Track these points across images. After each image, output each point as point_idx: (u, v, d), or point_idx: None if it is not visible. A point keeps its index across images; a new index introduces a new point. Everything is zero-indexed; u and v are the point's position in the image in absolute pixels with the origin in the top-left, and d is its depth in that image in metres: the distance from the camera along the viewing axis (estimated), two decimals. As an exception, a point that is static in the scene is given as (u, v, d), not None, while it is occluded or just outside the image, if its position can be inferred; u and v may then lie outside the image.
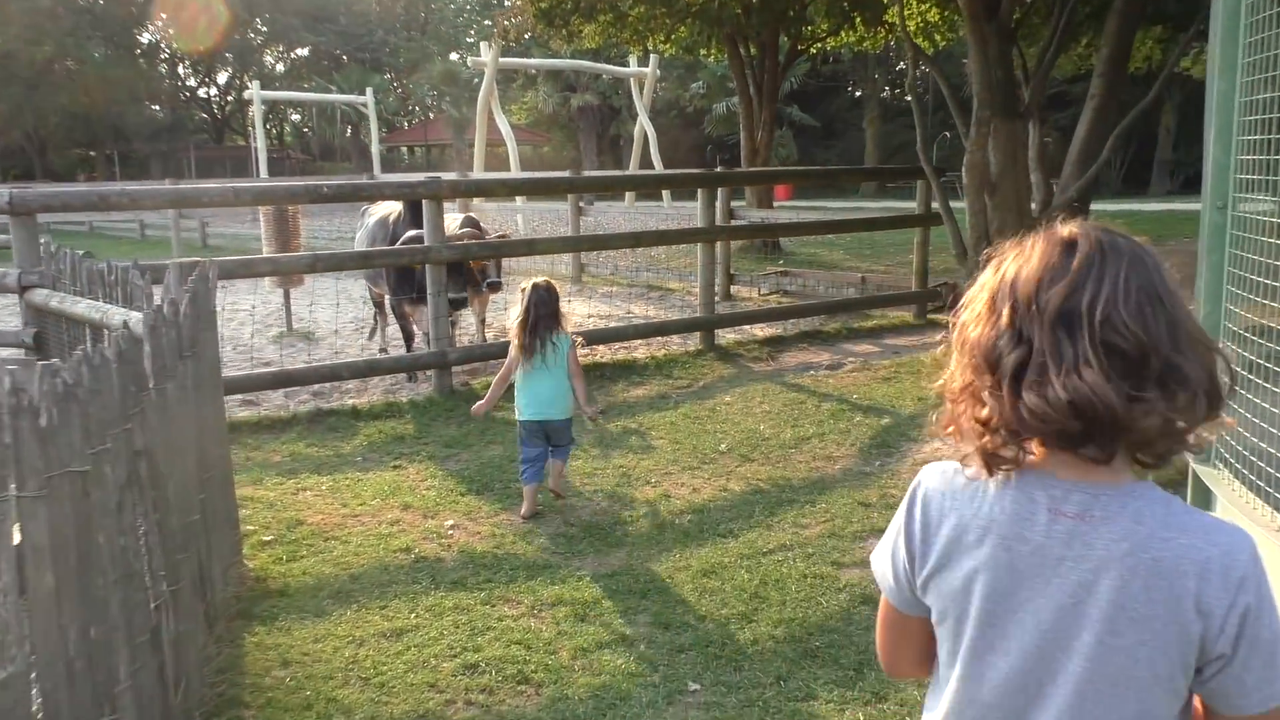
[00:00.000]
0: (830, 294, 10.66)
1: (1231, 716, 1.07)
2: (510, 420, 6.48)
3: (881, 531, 1.49)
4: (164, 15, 30.75)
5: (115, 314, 3.93)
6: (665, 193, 20.90)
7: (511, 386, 4.93)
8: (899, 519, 1.22)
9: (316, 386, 7.11)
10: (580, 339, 4.99)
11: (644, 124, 21.99)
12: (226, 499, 3.67)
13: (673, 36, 14.12)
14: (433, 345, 7.04)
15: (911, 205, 10.37)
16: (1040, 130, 7.85)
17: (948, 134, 32.88)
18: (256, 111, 26.98)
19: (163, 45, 45.13)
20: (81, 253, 16.97)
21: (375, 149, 27.53)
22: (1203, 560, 1.03)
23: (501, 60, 19.44)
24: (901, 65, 44.81)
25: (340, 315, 10.27)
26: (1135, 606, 1.04)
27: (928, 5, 13.63)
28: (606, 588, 3.91)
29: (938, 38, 14.91)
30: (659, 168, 20.64)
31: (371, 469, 5.60)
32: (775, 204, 17.97)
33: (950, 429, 1.15)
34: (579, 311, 10.96)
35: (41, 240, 5.93)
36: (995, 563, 1.10)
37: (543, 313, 4.63)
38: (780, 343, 8.77)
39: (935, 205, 8.59)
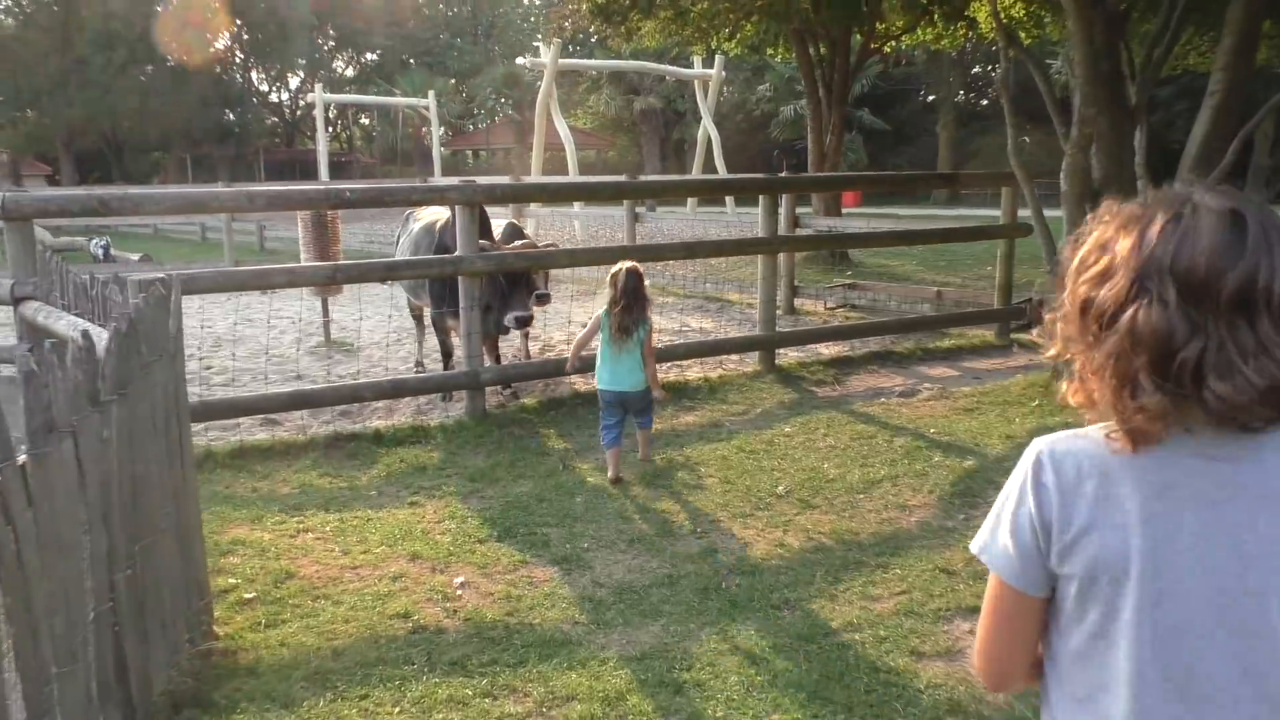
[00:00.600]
0: (903, 310, 9.85)
1: None
2: (543, 450, 5.87)
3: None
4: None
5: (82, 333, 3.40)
6: (729, 199, 20.18)
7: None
8: (1021, 486, 1.17)
9: (342, 405, 6.58)
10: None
11: (708, 127, 21.28)
12: (188, 562, 3.08)
13: (737, 35, 13.42)
14: (465, 364, 6.45)
15: (991, 214, 9.51)
16: (1145, 131, 6.96)
17: (1025, 139, 31.58)
18: (319, 114, 26.96)
19: (236, 51, 45.92)
20: (137, 257, 16.79)
21: (436, 152, 27.29)
22: None
23: (561, 61, 18.93)
24: (977, 69, 43.50)
25: (388, 324, 9.77)
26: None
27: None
28: (634, 676, 3.24)
29: (1023, 35, 13.94)
30: (723, 172, 19.94)
31: (385, 505, 5.02)
32: (844, 211, 17.14)
33: (1082, 401, 1.13)
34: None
35: (40, 245, 5.49)
36: (1151, 513, 1.08)
37: (635, 299, 5.07)
38: (848, 364, 8.00)
39: (1026, 214, 7.74)
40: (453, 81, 44.34)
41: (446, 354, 7.38)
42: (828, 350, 8.53)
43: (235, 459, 5.73)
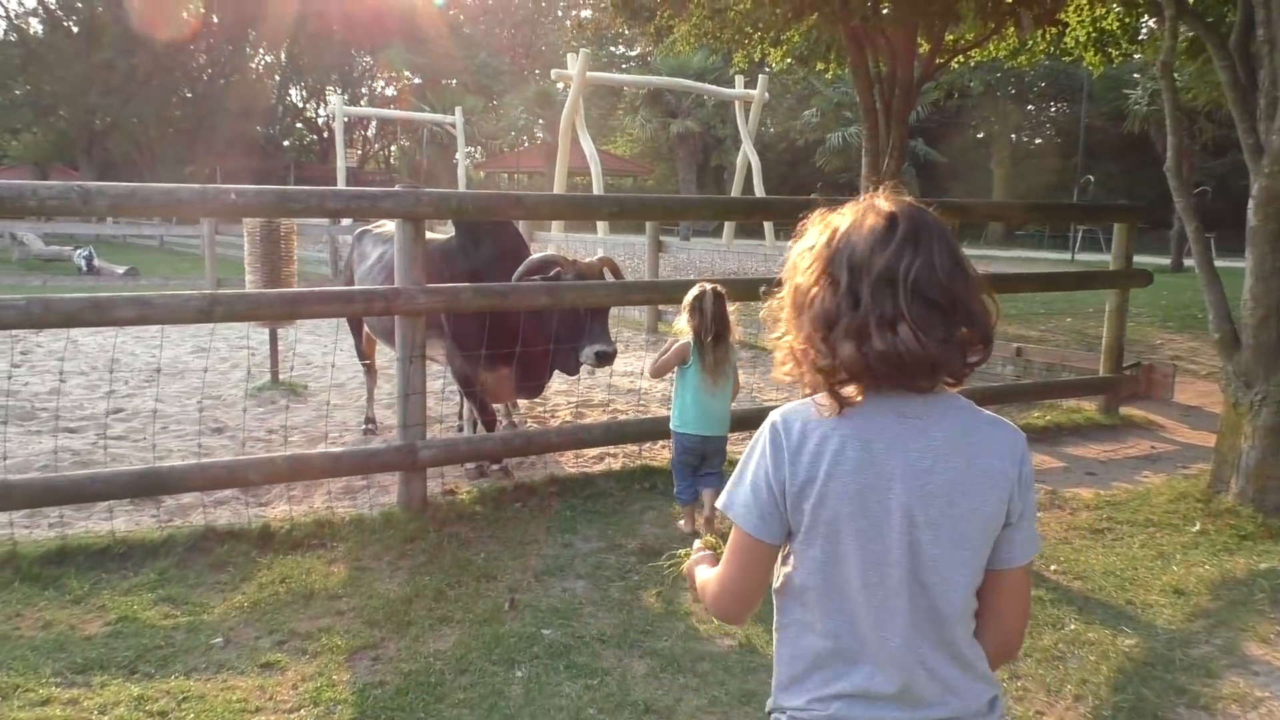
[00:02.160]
0: (980, 369, 7.98)
1: (1002, 569, 1.40)
2: (488, 571, 4.10)
3: None
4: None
5: None
6: (768, 227, 18.44)
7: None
8: (760, 450, 1.39)
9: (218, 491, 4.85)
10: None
11: (748, 152, 19.59)
12: None
13: (783, 41, 11.70)
14: (399, 435, 4.73)
15: (1052, 256, 7.62)
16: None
17: (1090, 178, 29.61)
18: (338, 126, 25.65)
19: (272, 62, 45.23)
20: (122, 270, 15.23)
21: (461, 171, 25.86)
22: (1004, 443, 1.37)
23: (589, 75, 17.36)
24: (1031, 107, 41.53)
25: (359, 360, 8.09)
26: (965, 481, 1.34)
27: (1107, 7, 10.89)
28: None
29: (1113, 52, 12.11)
30: (762, 201, 18.25)
31: (227, 668, 3.28)
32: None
33: (792, 377, 1.39)
34: (625, 368, 8.56)
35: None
36: (861, 461, 1.33)
37: (725, 326, 4.30)
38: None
39: (1188, 261, 5.88)
40: (486, 101, 43.13)
41: (488, 422, 5.58)
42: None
43: (49, 565, 4.03)
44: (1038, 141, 45.04)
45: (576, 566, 4.21)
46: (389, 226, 6.38)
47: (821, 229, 1.38)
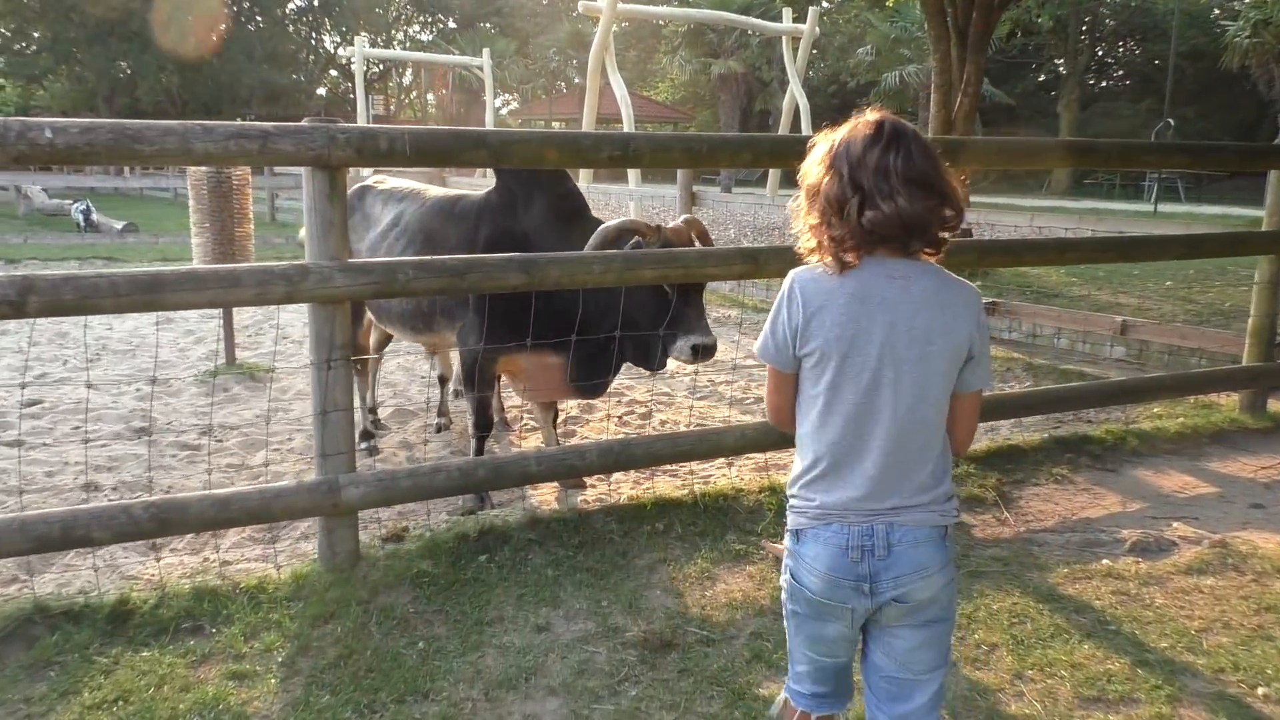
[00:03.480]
0: (1078, 351, 6.51)
1: (961, 393, 1.88)
2: (426, 671, 2.85)
3: None
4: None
5: None
6: (772, 176, 16.84)
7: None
8: (779, 303, 1.86)
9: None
10: None
11: (795, 93, 17.87)
12: None
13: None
14: (317, 466, 3.44)
15: (1111, 207, 6.06)
16: None
17: (1171, 121, 27.30)
18: (358, 69, 24.18)
19: (304, 5, 43.80)
20: (121, 225, 14.03)
21: (489, 117, 24.34)
22: (968, 296, 1.83)
23: (621, 5, 15.74)
24: (1101, 49, 38.70)
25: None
26: (939, 326, 1.79)
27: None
28: None
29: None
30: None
31: None
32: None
33: (813, 249, 1.82)
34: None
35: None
36: (852, 310, 1.78)
37: None
38: (1017, 461, 4.74)
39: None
40: (519, 44, 41.40)
41: (484, 425, 4.49)
42: (984, 435, 5.27)
43: None
44: (1104, 84, 42.29)
45: (551, 670, 2.92)
46: (399, 182, 5.11)
47: (824, 142, 1.84)
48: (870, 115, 1.81)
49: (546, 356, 4.25)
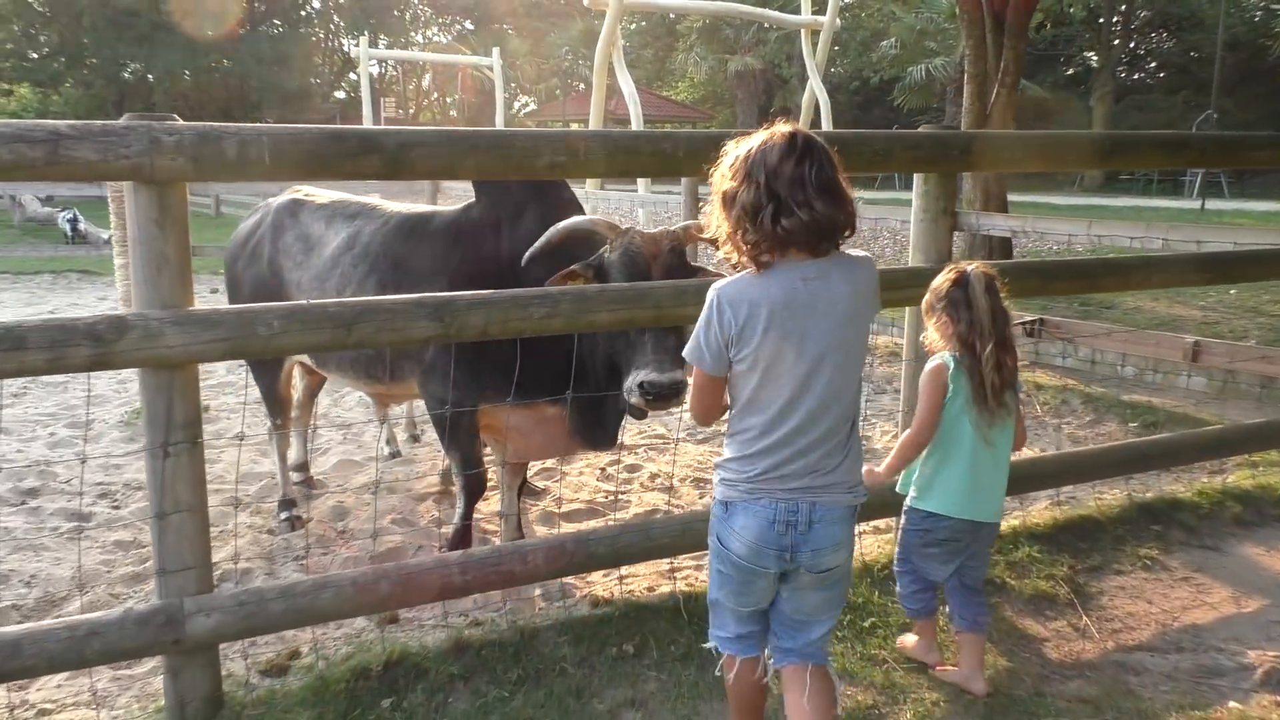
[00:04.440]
0: (1151, 379, 5.51)
1: None
2: None
3: None
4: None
5: None
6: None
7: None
8: (708, 316, 1.99)
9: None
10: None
11: (815, 88, 16.87)
12: None
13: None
14: (157, 586, 2.55)
15: (1180, 206, 5.05)
16: None
17: (1213, 112, 26.03)
18: (363, 71, 23.38)
19: (321, 8, 43.16)
20: (107, 234, 13.23)
21: (500, 118, 23.46)
22: (869, 273, 2.04)
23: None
24: (1134, 42, 37.24)
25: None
26: (854, 308, 1.99)
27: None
28: None
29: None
30: (832, 146, 15.45)
31: None
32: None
33: (730, 255, 1.98)
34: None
35: None
36: (778, 317, 1.94)
37: (1006, 332, 2.67)
38: (1091, 538, 3.76)
39: None
40: (532, 44, 40.53)
41: (473, 490, 3.68)
42: (1042, 508, 4.31)
43: None
44: (1136, 76, 40.90)
45: None
46: (342, 195, 4.23)
47: (735, 151, 1.96)
48: (783, 127, 1.95)
49: (541, 405, 3.38)
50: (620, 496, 4.58)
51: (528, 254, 3.17)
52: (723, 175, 1.96)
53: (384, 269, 3.62)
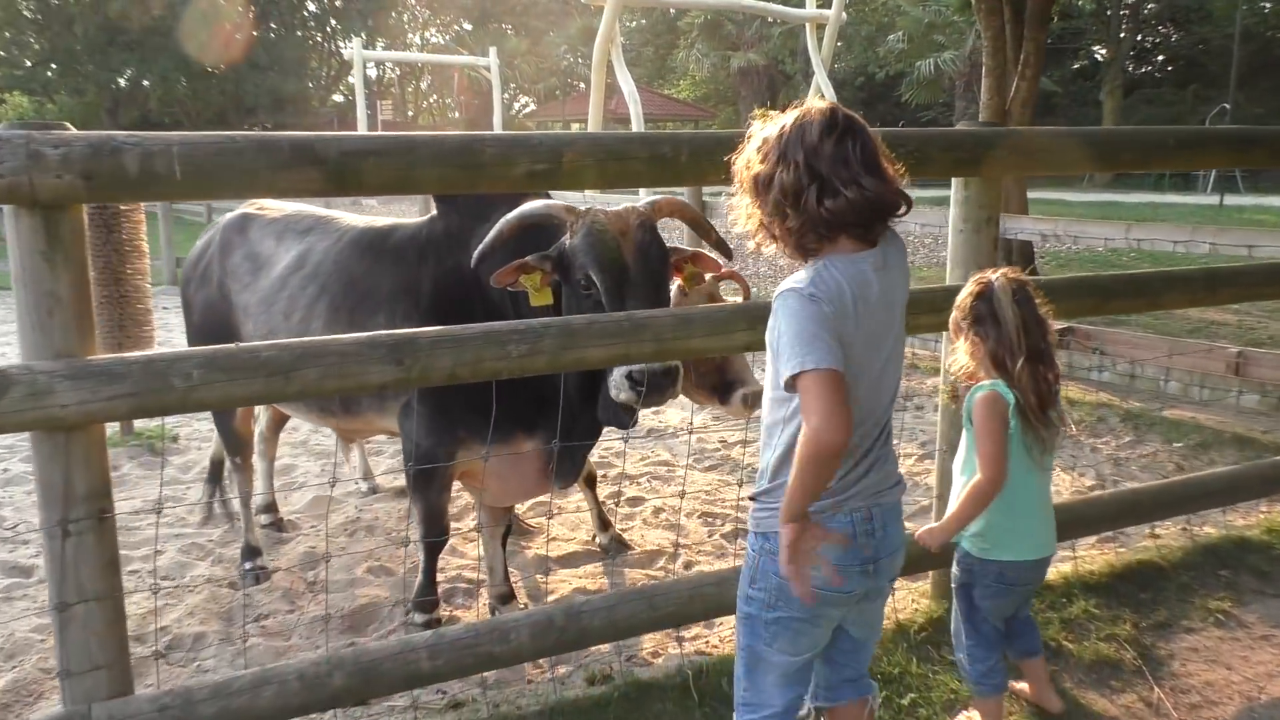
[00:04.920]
0: (1197, 393, 5.06)
1: None
2: None
3: None
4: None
5: None
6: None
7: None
8: (804, 307, 1.71)
9: None
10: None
11: (821, 84, 16.39)
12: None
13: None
14: (62, 690, 2.12)
15: (1197, 201, 4.63)
16: None
17: (1227, 105, 25.50)
18: (357, 73, 22.95)
19: (318, 11, 42.68)
20: None
21: (498, 119, 22.99)
22: (904, 249, 1.87)
23: (627, -6, 14.35)
24: (1141, 35, 36.65)
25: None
26: (905, 294, 1.86)
27: None
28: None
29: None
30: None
31: None
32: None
33: (765, 242, 1.81)
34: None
35: None
36: (861, 314, 1.74)
37: (1048, 347, 2.38)
38: (1156, 592, 3.31)
39: None
40: (530, 43, 39.98)
41: (438, 532, 3.22)
42: (1093, 549, 3.86)
43: None
44: (1143, 70, 40.31)
45: None
46: (298, 207, 3.81)
47: (766, 130, 1.78)
48: (819, 103, 1.78)
49: (518, 441, 2.99)
50: (621, 534, 4.14)
51: (477, 252, 2.74)
52: (750, 160, 1.78)
53: (336, 290, 3.20)
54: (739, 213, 1.83)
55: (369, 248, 3.27)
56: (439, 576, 3.57)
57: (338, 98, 48.48)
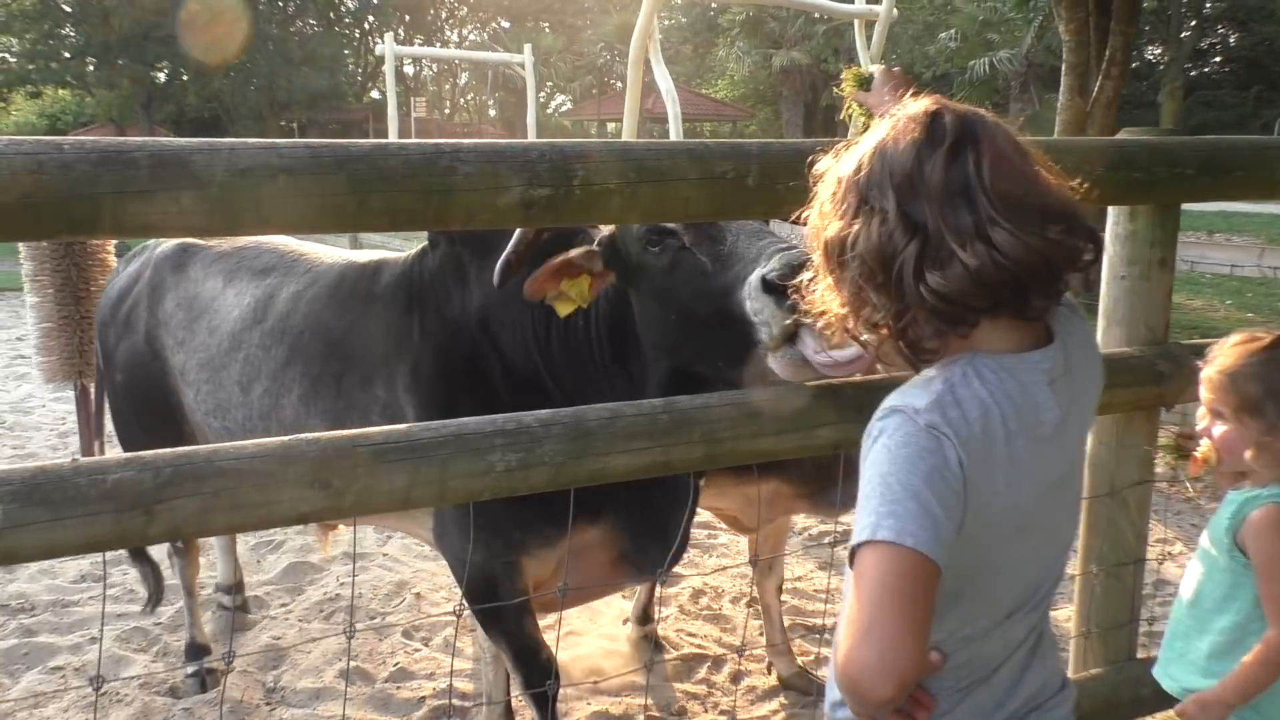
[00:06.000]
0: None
1: None
2: None
3: None
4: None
5: None
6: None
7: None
8: (916, 454, 1.04)
9: None
10: None
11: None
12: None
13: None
14: None
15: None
16: None
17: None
18: (389, 69, 22.12)
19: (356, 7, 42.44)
20: None
21: (532, 118, 22.20)
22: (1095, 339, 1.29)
23: (667, -14, 13.55)
24: (1205, 42, 35.26)
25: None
26: (1087, 412, 1.21)
27: None
28: None
29: None
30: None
31: None
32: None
33: (845, 344, 1.27)
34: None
35: None
36: (1012, 450, 1.08)
37: None
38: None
39: None
40: (566, 40, 39.30)
41: (543, 672, 2.27)
42: None
43: None
44: (1202, 70, 38.94)
45: None
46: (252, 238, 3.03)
47: (841, 162, 1.15)
48: (918, 106, 1.11)
49: (582, 531, 2.19)
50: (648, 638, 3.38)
51: (499, 265, 1.98)
52: (823, 212, 1.17)
53: (313, 353, 2.45)
54: (816, 301, 1.20)
55: (351, 294, 2.50)
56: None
57: (375, 94, 48.25)
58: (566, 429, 1.62)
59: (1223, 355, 1.67)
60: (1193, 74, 37.78)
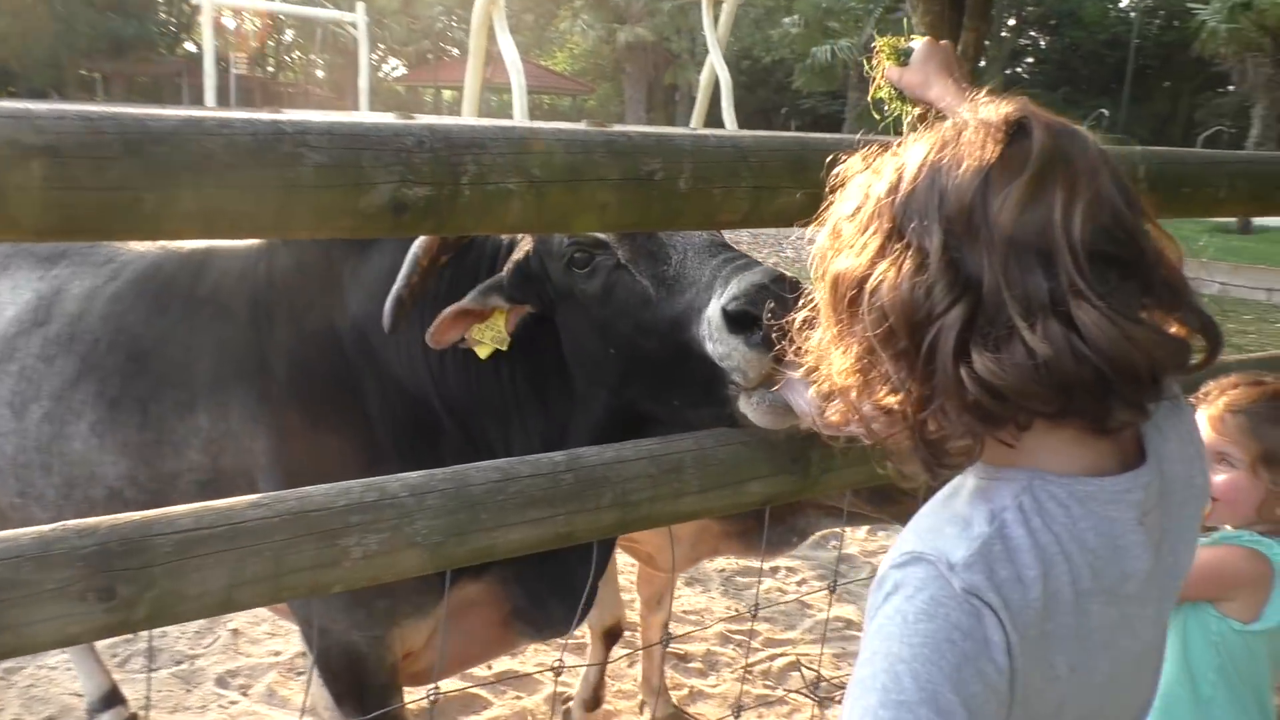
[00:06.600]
0: None
1: None
2: None
3: None
4: None
5: None
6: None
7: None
8: (938, 637, 0.74)
9: None
10: None
11: (716, 65, 15.47)
12: None
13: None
14: None
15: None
16: None
17: (1104, 111, 26.00)
18: (205, 19, 20.68)
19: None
20: None
21: (364, 82, 21.16)
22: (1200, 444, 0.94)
23: (513, -49, 13.01)
24: (1006, 33, 37.43)
25: None
26: (1196, 528, 0.92)
27: None
28: None
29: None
30: (732, 127, 14.06)
31: None
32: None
33: (853, 431, 0.87)
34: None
35: None
36: (1082, 614, 0.79)
37: None
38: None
39: None
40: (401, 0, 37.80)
41: None
42: None
43: None
44: (1014, 70, 41.48)
45: None
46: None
47: (877, 173, 0.83)
48: (991, 109, 0.79)
49: (464, 586, 1.78)
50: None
51: (387, 306, 1.57)
52: (837, 234, 0.85)
53: (112, 366, 1.91)
54: (810, 355, 0.90)
55: (168, 292, 1.97)
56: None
57: (190, 47, 44.85)
58: (444, 499, 1.25)
59: (1232, 397, 1.48)
60: (1007, 73, 40.23)
